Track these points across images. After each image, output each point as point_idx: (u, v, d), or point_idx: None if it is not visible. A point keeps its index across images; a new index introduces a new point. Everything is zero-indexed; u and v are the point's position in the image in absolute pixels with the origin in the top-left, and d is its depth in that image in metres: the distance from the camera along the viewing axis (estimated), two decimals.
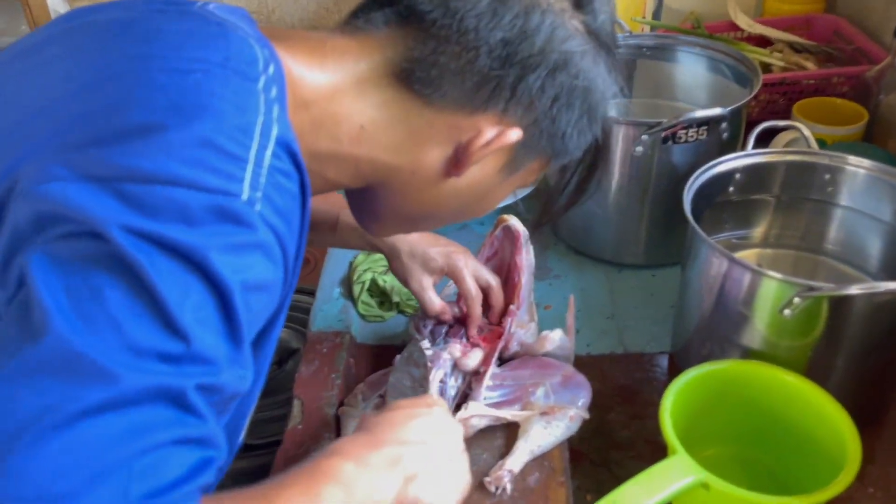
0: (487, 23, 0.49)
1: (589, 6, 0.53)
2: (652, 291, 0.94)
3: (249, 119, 0.43)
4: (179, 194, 0.39)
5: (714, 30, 1.25)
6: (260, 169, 0.42)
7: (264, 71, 0.46)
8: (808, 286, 0.63)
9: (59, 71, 0.47)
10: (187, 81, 0.43)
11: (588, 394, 0.73)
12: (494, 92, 0.51)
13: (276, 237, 0.43)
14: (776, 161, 0.80)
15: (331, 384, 0.80)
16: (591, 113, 0.55)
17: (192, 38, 0.45)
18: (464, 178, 0.55)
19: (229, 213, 0.40)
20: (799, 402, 0.66)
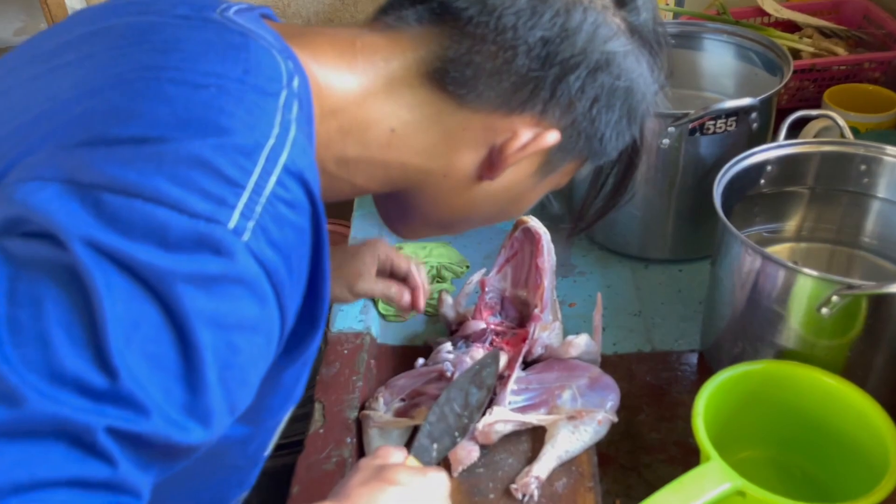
0: (526, 21, 0.47)
1: (632, 3, 0.51)
2: (679, 287, 0.92)
3: (258, 141, 0.40)
4: (160, 213, 0.36)
5: (740, 16, 1.21)
6: (258, 197, 0.39)
7: (287, 85, 0.43)
8: (847, 284, 0.60)
9: (70, 77, 0.45)
10: (198, 96, 0.40)
11: (616, 396, 0.71)
12: (533, 93, 0.49)
13: (264, 272, 0.39)
14: (810, 152, 0.77)
15: (352, 387, 0.79)
16: (632, 114, 0.53)
17: (211, 50, 0.43)
18: (497, 181, 0.53)
19: (209, 241, 0.37)
20: (838, 405, 0.64)
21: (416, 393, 0.71)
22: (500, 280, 0.79)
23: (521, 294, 0.79)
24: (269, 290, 0.39)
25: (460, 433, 0.61)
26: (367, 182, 0.52)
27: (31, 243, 0.36)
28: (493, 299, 0.79)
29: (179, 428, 0.36)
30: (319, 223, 0.43)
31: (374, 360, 0.83)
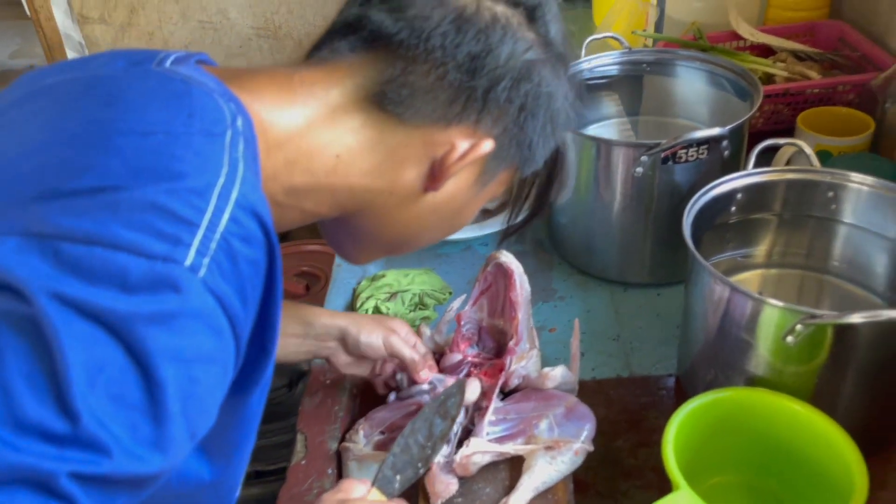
0: (453, 39, 0.51)
1: (541, 19, 0.55)
2: (658, 311, 0.94)
3: (209, 180, 0.42)
4: (119, 258, 0.38)
5: (716, 40, 1.23)
6: (212, 234, 0.41)
7: (231, 125, 0.45)
8: (810, 314, 0.62)
9: (17, 135, 0.46)
10: (147, 144, 0.42)
11: (592, 425, 0.72)
12: (466, 105, 0.52)
13: (220, 305, 0.41)
14: (777, 180, 0.79)
15: (334, 417, 0.80)
16: (554, 119, 0.57)
17: (155, 99, 0.45)
18: (441, 193, 0.56)
19: (167, 280, 0.38)
20: (805, 430, 0.65)
21: (396, 426, 0.72)
22: (477, 311, 0.81)
23: (497, 324, 0.81)
24: (224, 322, 0.41)
25: (423, 464, 0.63)
26: (316, 207, 0.54)
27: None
28: (469, 330, 0.81)
29: (141, 461, 0.38)
30: (273, 253, 0.45)
31: (356, 390, 0.85)
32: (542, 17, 0.55)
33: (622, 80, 1.06)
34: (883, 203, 0.75)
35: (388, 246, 0.62)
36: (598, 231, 0.95)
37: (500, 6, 0.54)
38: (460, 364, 0.78)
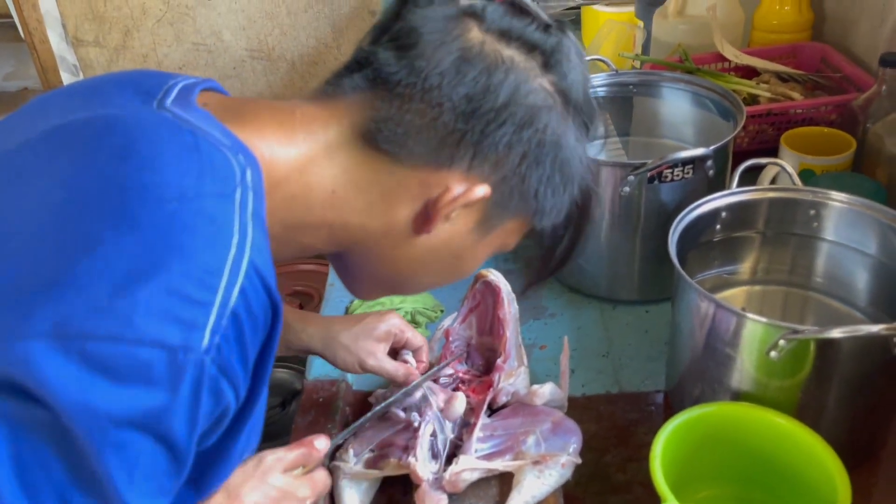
0: (451, 80, 0.51)
1: (556, 67, 0.54)
2: (646, 328, 0.95)
3: (221, 255, 0.43)
4: (143, 354, 0.40)
5: (701, 61, 1.26)
6: (224, 310, 0.43)
7: (241, 182, 0.46)
8: (792, 329, 0.63)
9: (33, 188, 0.47)
10: (160, 216, 0.43)
11: (579, 439, 0.73)
12: (460, 148, 0.52)
13: (225, 377, 0.44)
14: (760, 198, 0.81)
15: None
16: (563, 170, 0.56)
17: (166, 153, 0.46)
18: (435, 236, 0.55)
19: (188, 370, 0.41)
20: (789, 444, 0.66)
21: (386, 443, 0.73)
22: (466, 329, 0.82)
23: (486, 341, 0.82)
24: (227, 388, 0.45)
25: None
26: (313, 242, 0.55)
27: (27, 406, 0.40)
28: (458, 347, 0.82)
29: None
30: (276, 313, 0.47)
31: (349, 407, 0.85)
32: (558, 64, 0.54)
33: (612, 100, 1.08)
34: (863, 220, 0.77)
35: (386, 284, 0.62)
36: (588, 249, 0.96)
37: (510, 49, 0.53)
38: (449, 379, 0.79)
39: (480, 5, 0.54)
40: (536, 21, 0.55)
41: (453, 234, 0.56)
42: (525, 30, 0.54)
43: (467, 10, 0.54)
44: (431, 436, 0.70)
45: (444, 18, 0.53)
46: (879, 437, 0.75)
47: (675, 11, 1.32)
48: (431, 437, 0.70)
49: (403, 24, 0.53)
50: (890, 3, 1.15)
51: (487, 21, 0.53)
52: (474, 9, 0.54)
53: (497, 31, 0.53)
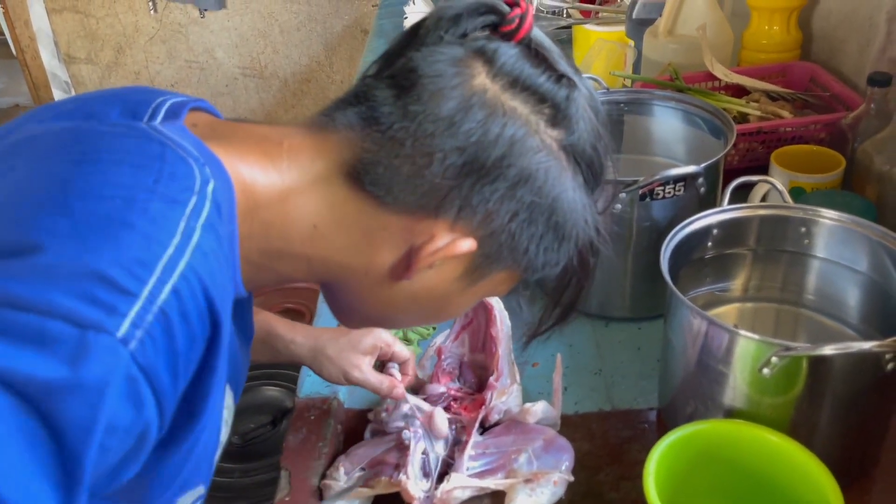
0: (445, 129, 0.49)
1: (565, 121, 0.52)
2: (639, 345, 0.95)
3: (156, 251, 0.41)
4: (52, 326, 0.37)
5: (692, 80, 1.27)
6: (150, 306, 0.40)
7: (199, 192, 0.45)
8: (784, 346, 0.64)
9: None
10: (101, 208, 0.42)
11: (571, 456, 0.73)
12: (447, 200, 0.50)
13: (146, 379, 0.40)
14: (750, 216, 0.81)
15: (318, 453, 0.80)
16: (559, 230, 0.53)
17: (126, 161, 0.45)
18: (418, 282, 0.54)
19: (94, 350, 0.38)
20: (782, 461, 0.66)
21: (376, 462, 0.73)
22: (458, 346, 0.82)
23: (478, 358, 0.81)
24: (148, 394, 0.40)
25: None
26: (292, 272, 0.54)
27: None
28: (451, 365, 0.81)
29: None
30: (218, 328, 0.44)
31: (340, 425, 0.85)
32: (567, 118, 0.52)
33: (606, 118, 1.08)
34: (853, 238, 0.77)
35: (368, 320, 0.61)
36: None
37: (516, 100, 0.50)
38: (441, 397, 0.78)
39: (493, 46, 0.51)
40: (550, 69, 0.52)
41: (437, 282, 0.54)
42: (537, 79, 0.51)
43: (478, 51, 0.51)
44: (423, 454, 0.70)
45: (450, 60, 0.50)
46: (872, 455, 0.75)
47: (665, 31, 1.33)
48: (423, 455, 0.70)
49: (405, 61, 0.51)
50: (876, 24, 1.17)
51: (497, 65, 0.51)
52: (485, 50, 0.51)
53: (506, 78, 0.50)
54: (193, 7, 2.98)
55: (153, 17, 3.02)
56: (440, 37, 0.51)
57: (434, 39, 0.51)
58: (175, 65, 3.13)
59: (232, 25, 3.03)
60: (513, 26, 0.52)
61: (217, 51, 3.09)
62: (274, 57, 3.10)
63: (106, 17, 3.03)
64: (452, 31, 0.51)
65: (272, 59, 3.10)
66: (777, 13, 1.31)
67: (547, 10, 1.68)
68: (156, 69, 3.14)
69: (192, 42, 3.07)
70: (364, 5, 2.98)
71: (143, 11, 3.01)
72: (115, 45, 3.10)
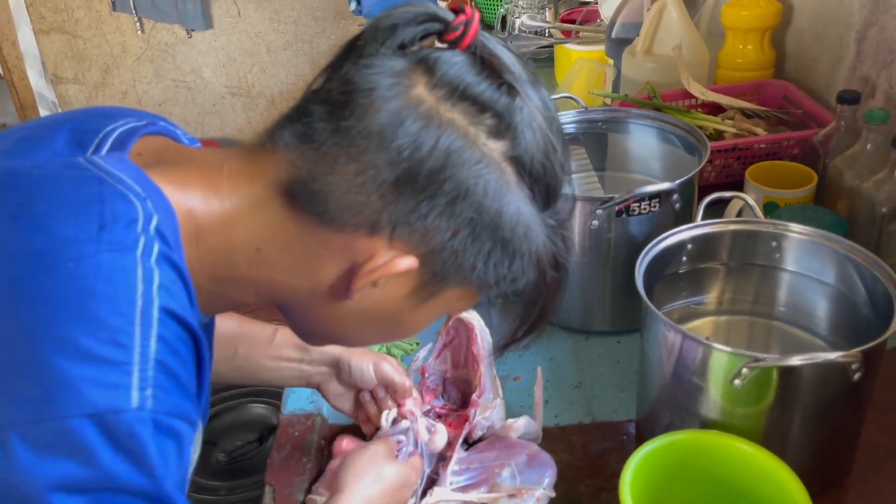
0: (377, 144, 0.47)
1: (509, 131, 0.49)
2: (618, 358, 0.96)
3: (126, 312, 0.43)
4: (73, 425, 0.40)
5: (669, 98, 1.30)
6: (146, 364, 0.43)
7: (144, 230, 0.46)
8: (754, 357, 0.65)
9: None
10: (58, 281, 0.42)
11: (553, 472, 0.74)
12: (381, 217, 0.49)
13: (173, 417, 0.44)
14: (722, 231, 0.83)
15: (302, 469, 0.81)
16: (507, 246, 0.51)
17: (63, 209, 0.45)
18: (365, 301, 0.52)
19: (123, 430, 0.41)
20: (755, 470, 0.68)
21: None
22: (441, 363, 0.83)
23: (462, 373, 0.83)
24: (183, 426, 0.45)
25: None
26: (242, 297, 0.54)
27: None
28: (434, 382, 0.83)
29: None
30: (198, 342, 0.48)
31: (324, 441, 0.86)
32: (511, 128, 0.49)
33: (586, 136, 1.11)
34: (821, 251, 0.80)
35: (326, 338, 0.61)
36: None
37: (454, 111, 0.48)
38: (426, 415, 0.80)
39: (435, 56, 0.50)
40: (495, 76, 0.50)
41: (384, 300, 0.53)
42: (477, 87, 0.49)
43: (420, 61, 0.50)
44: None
45: (387, 72, 0.49)
46: (845, 464, 0.77)
47: (643, 50, 1.37)
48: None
49: (341, 75, 0.50)
50: (847, 43, 1.20)
51: (437, 75, 0.49)
52: (427, 59, 0.49)
53: (445, 88, 0.49)
54: (181, 27, 3.00)
55: (140, 37, 3.04)
56: (377, 49, 0.50)
57: (372, 51, 0.50)
58: (162, 84, 3.15)
59: (219, 45, 3.05)
60: (457, 33, 0.50)
61: (204, 70, 3.11)
62: (261, 76, 3.12)
63: (93, 38, 3.05)
64: (390, 41, 0.50)
65: (259, 78, 3.12)
66: (751, 33, 1.35)
67: (528, 29, 1.71)
68: (143, 89, 3.16)
69: (180, 62, 3.09)
70: (350, 25, 3.01)
71: (130, 32, 3.03)
72: (102, 66, 3.11)
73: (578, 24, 1.76)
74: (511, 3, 1.84)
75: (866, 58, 1.16)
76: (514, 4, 1.83)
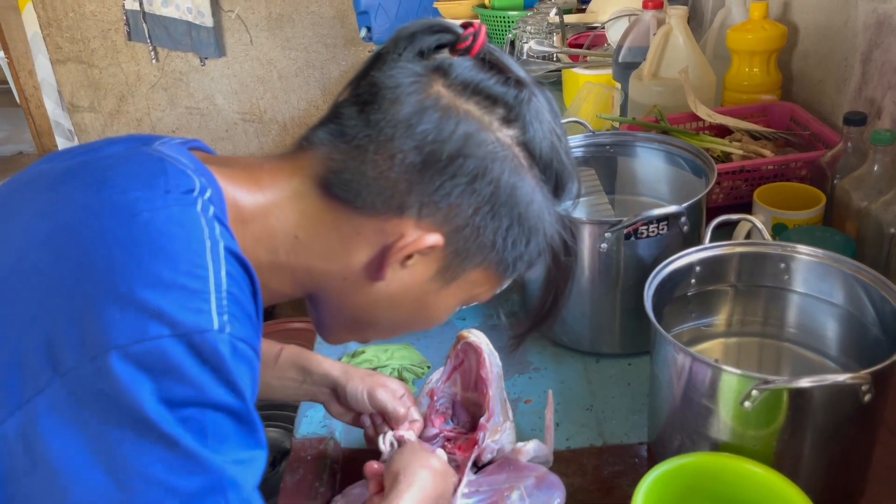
0: (403, 132, 0.54)
1: (518, 120, 0.56)
2: (629, 381, 0.97)
3: (199, 249, 0.48)
4: (163, 344, 0.44)
5: (676, 121, 1.31)
6: (220, 294, 0.47)
7: (201, 195, 0.51)
8: (763, 379, 0.66)
9: (18, 226, 0.50)
10: (137, 224, 0.47)
11: (562, 494, 0.74)
12: (408, 197, 0.54)
13: (247, 345, 0.48)
14: (731, 253, 0.84)
15: (314, 493, 0.81)
16: (523, 222, 0.57)
17: (137, 178, 0.51)
18: (394, 282, 0.58)
19: (208, 347, 0.45)
20: (765, 492, 0.68)
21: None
22: (450, 386, 0.84)
23: (472, 396, 0.83)
24: (252, 354, 0.48)
25: None
26: (280, 286, 0.58)
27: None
28: (443, 405, 0.83)
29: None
30: (252, 279, 0.52)
31: (337, 465, 0.86)
32: (520, 118, 0.56)
33: (596, 159, 1.12)
34: (829, 273, 0.80)
35: (352, 327, 0.64)
36: (571, 304, 0.99)
37: (469, 102, 0.55)
38: (435, 438, 0.80)
39: (449, 61, 0.57)
40: (503, 75, 0.57)
41: (412, 282, 0.58)
42: (487, 83, 0.56)
43: (436, 66, 0.57)
44: None
45: (410, 74, 0.55)
46: (857, 485, 0.76)
47: (649, 74, 1.38)
48: None
49: (368, 80, 0.56)
50: (851, 65, 1.21)
51: (452, 76, 0.56)
52: (442, 65, 0.57)
53: (459, 84, 0.56)
54: (194, 55, 3.05)
55: (155, 65, 3.09)
56: (399, 55, 0.56)
57: (394, 58, 0.56)
58: (176, 111, 3.20)
59: (231, 72, 3.10)
60: (467, 43, 0.57)
61: (217, 97, 3.15)
62: (273, 102, 3.16)
63: (109, 67, 3.11)
64: (410, 48, 0.56)
65: (271, 104, 3.17)
66: (757, 55, 1.36)
67: (536, 54, 1.73)
68: (157, 116, 3.21)
69: (193, 89, 3.14)
70: (360, 51, 3.06)
71: (145, 61, 3.08)
72: (117, 94, 3.17)
73: (586, 48, 1.78)
74: (519, 28, 1.86)
75: (871, 79, 1.17)
76: (523, 30, 1.86)
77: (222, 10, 2.96)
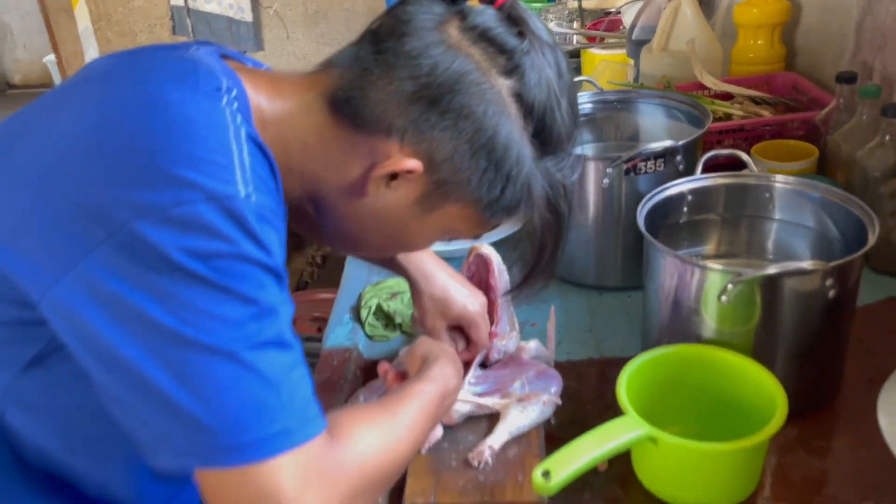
0: (405, 62, 0.59)
1: (518, 72, 0.60)
2: (628, 310, 1.05)
3: (223, 132, 0.54)
4: (199, 209, 0.50)
5: (683, 89, 1.39)
6: (244, 169, 0.53)
7: (227, 93, 0.57)
8: (737, 272, 0.74)
9: (69, 115, 0.57)
10: (169, 114, 0.54)
11: (559, 383, 0.83)
12: (395, 121, 0.59)
13: (270, 214, 0.54)
14: (719, 184, 0.93)
15: (339, 388, 0.91)
16: (500, 168, 0.61)
17: (171, 76, 0.58)
18: (378, 201, 0.63)
19: (237, 211, 0.51)
20: (742, 380, 0.76)
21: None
22: None
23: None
24: (279, 223, 0.56)
25: None
26: (290, 186, 0.63)
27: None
28: None
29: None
30: (274, 170, 0.58)
31: (359, 370, 0.96)
32: (520, 70, 0.59)
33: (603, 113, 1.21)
34: (801, 198, 0.88)
35: (344, 239, 0.69)
36: (576, 240, 1.07)
37: (475, 47, 0.59)
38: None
39: (469, 7, 0.61)
40: (517, 29, 0.60)
41: (395, 204, 0.63)
42: (496, 31, 0.60)
43: (457, 10, 0.61)
44: None
45: (428, 11, 0.60)
46: (831, 384, 0.84)
47: (659, 47, 1.47)
48: None
49: (394, 11, 0.62)
50: (847, 33, 1.29)
51: (468, 21, 0.60)
52: (463, 9, 0.61)
53: (471, 29, 0.60)
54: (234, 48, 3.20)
55: None
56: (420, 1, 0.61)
57: (416, 1, 0.61)
58: None
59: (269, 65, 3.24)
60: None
61: None
62: None
63: None
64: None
65: None
66: (762, 29, 1.44)
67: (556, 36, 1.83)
68: None
69: None
70: None
71: None
72: None
73: (603, 30, 1.87)
74: (541, 16, 1.97)
75: (864, 44, 1.24)
76: (545, 19, 1.96)
77: (261, 7, 3.11)
